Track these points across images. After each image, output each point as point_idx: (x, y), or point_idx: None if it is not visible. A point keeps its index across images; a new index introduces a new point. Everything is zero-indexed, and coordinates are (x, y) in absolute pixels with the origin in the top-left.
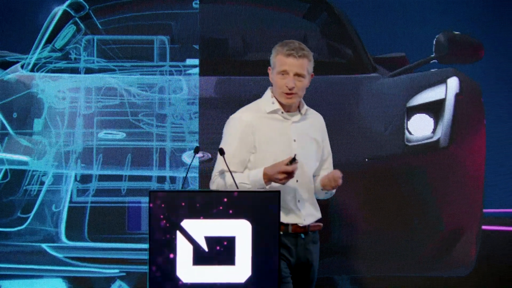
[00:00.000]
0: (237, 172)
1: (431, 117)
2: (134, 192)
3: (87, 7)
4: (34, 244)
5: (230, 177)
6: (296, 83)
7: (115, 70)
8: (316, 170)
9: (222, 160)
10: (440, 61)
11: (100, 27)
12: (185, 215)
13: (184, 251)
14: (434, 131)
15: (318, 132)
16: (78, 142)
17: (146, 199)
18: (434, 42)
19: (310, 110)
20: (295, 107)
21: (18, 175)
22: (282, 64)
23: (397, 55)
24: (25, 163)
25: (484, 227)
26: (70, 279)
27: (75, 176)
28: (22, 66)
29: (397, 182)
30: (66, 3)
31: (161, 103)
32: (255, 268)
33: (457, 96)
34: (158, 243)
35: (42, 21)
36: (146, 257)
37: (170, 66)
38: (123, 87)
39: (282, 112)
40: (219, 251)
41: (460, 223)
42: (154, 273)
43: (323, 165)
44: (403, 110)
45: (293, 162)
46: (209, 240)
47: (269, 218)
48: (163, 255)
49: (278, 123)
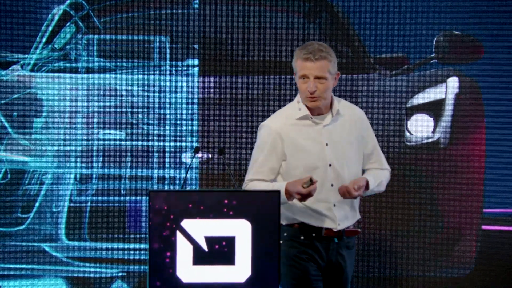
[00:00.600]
0: (266, 180)
1: (431, 117)
2: (134, 192)
3: (87, 7)
4: (34, 244)
5: (258, 186)
6: (317, 86)
7: (115, 70)
8: (363, 165)
9: (251, 167)
10: (440, 61)
11: (100, 27)
12: (185, 215)
13: (184, 251)
14: (434, 131)
15: (356, 128)
16: (78, 142)
17: (146, 199)
18: (434, 42)
19: (345, 107)
20: (326, 108)
21: (18, 175)
22: (301, 68)
23: (397, 55)
24: (25, 163)
25: (484, 227)
26: (70, 279)
27: (75, 176)
28: (22, 66)
29: (397, 182)
30: (66, 3)
31: (161, 103)
32: (255, 268)
33: (457, 96)
34: (158, 243)
35: (42, 21)
36: (146, 257)
37: (170, 66)
38: (123, 87)
39: (311, 117)
40: (219, 251)
41: (460, 223)
42: (154, 273)
43: (370, 159)
44: (403, 110)
45: (310, 183)
46: (209, 240)
47: (269, 218)
48: (163, 255)
49: (308, 129)
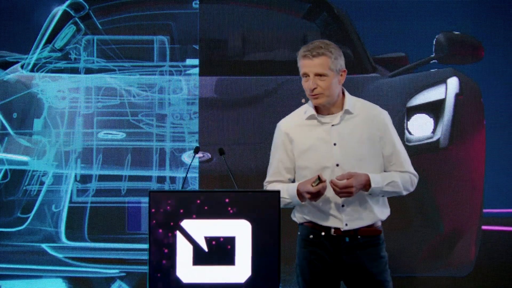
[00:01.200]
0: (283, 181)
1: (431, 117)
2: (134, 192)
3: (87, 7)
4: (34, 244)
5: (277, 188)
6: (318, 83)
7: (115, 70)
8: (385, 167)
9: (268, 169)
10: (440, 61)
11: (100, 27)
12: (185, 215)
13: (184, 251)
14: (434, 131)
15: (368, 127)
16: (78, 142)
17: (146, 199)
18: (434, 42)
19: (363, 106)
20: (337, 107)
21: (18, 175)
22: (302, 66)
23: (397, 55)
24: (25, 163)
25: (484, 227)
26: (70, 279)
27: (75, 176)
28: (22, 66)
29: None
30: (66, 3)
31: (161, 103)
32: (255, 268)
33: (457, 96)
34: (158, 243)
35: (42, 21)
36: (146, 257)
37: (170, 66)
38: (123, 87)
39: (317, 116)
40: (219, 251)
41: (460, 223)
42: (154, 273)
43: (390, 161)
44: (403, 110)
45: (318, 182)
46: (209, 240)
47: (269, 218)
48: (163, 255)
49: (316, 129)
